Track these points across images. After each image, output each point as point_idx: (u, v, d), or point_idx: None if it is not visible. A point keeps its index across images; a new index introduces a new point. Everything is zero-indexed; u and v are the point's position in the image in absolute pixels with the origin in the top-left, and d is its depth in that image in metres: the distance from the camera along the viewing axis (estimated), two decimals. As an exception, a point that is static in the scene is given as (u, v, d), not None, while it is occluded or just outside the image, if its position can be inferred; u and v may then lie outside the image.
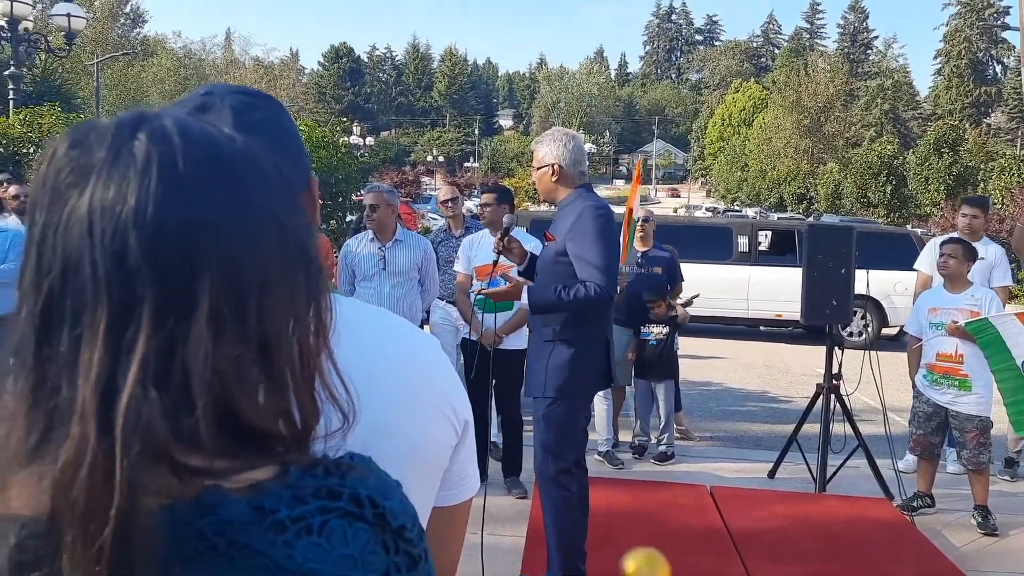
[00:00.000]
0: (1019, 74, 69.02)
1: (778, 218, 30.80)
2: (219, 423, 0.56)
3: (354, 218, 8.11)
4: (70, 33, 9.99)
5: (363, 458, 0.64)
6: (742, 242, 11.84)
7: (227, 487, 0.55)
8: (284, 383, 0.60)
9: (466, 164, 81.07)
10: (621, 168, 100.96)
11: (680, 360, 6.47)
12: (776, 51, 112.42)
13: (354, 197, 8.25)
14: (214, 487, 0.55)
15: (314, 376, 0.63)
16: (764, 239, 12.41)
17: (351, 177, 8.71)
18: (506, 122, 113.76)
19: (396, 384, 0.89)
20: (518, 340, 4.81)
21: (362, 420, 0.85)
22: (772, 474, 5.31)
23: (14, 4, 8.85)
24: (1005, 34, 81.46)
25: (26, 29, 9.48)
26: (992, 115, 75.82)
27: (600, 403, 5.55)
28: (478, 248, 4.85)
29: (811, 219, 32.74)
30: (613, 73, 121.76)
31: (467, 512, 1.04)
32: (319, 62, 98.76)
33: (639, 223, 5.68)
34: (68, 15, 9.89)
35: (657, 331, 5.63)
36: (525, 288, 3.34)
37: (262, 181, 0.61)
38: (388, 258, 4.64)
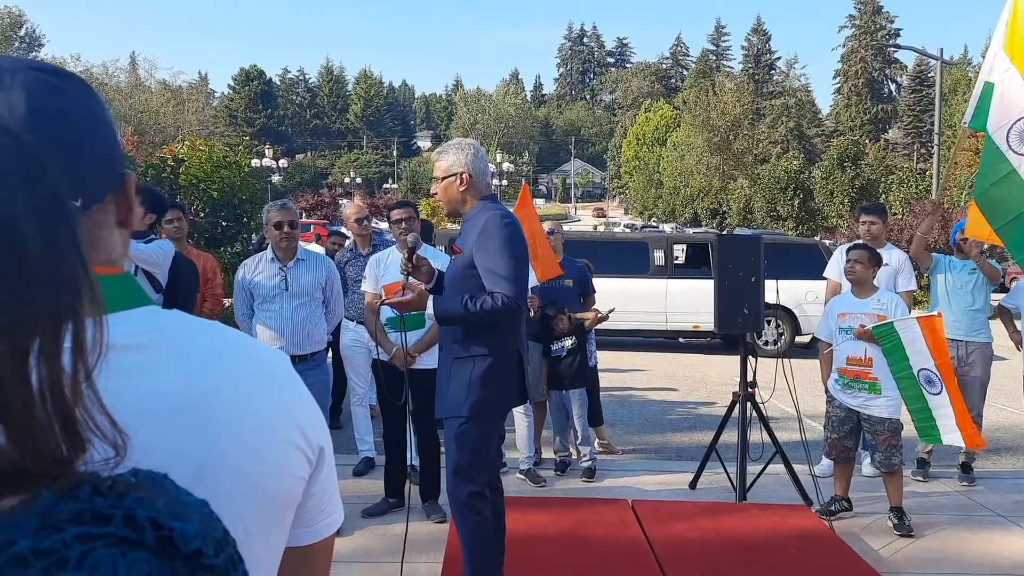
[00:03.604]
0: (912, 92, 72.56)
1: (693, 232, 31.48)
2: None
3: (256, 239, 7.85)
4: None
5: (153, 475, 0.52)
6: (658, 256, 11.98)
7: None
8: (19, 420, 0.47)
9: (385, 185, 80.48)
10: (541, 187, 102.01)
11: (601, 373, 6.44)
12: (685, 72, 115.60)
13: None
14: None
15: (72, 409, 0.50)
16: (680, 252, 12.61)
17: (255, 198, 8.41)
18: (424, 143, 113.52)
19: (229, 409, 0.75)
20: (431, 359, 4.64)
21: (188, 455, 0.71)
22: (693, 485, 5.29)
23: None
24: (897, 54, 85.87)
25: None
26: (889, 131, 79.63)
27: (521, 419, 5.44)
28: (386, 266, 4.68)
29: (724, 232, 33.61)
30: (529, 94, 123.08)
31: (329, 550, 0.90)
32: (229, 85, 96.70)
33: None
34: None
35: (565, 342, 5.58)
36: (431, 298, 3.18)
37: None
38: (290, 278, 4.43)
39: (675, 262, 12.21)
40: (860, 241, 5.46)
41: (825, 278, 6.04)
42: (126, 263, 0.84)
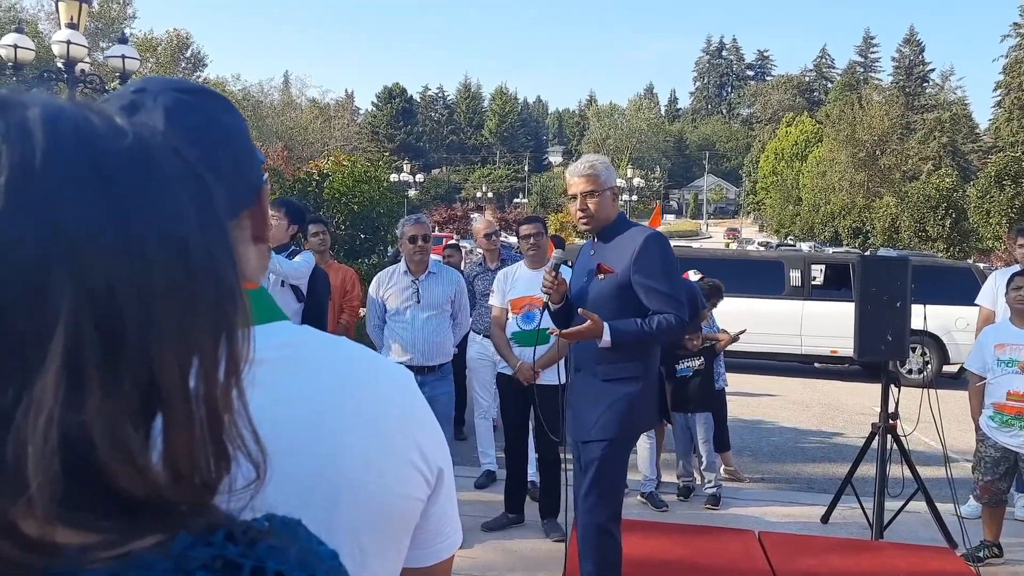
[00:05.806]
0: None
1: (833, 252, 30.13)
2: (92, 489, 0.44)
3: (391, 251, 8.11)
4: (124, 74, 10.26)
5: (287, 521, 0.52)
6: (794, 276, 11.53)
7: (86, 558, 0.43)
8: (180, 437, 0.48)
9: (515, 200, 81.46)
10: (671, 203, 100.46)
11: (730, 397, 6.25)
12: (829, 85, 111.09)
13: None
14: (68, 558, 0.43)
15: (224, 424, 0.51)
16: (817, 273, 12.08)
17: (392, 211, 8.71)
18: (556, 158, 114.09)
19: (350, 428, 0.75)
20: (553, 375, 4.64)
21: (307, 470, 0.71)
22: (825, 519, 5.03)
23: (71, 46, 9.11)
24: (1069, 64, 79.29)
25: (83, 71, 9.77)
26: (1057, 147, 73.59)
27: (644, 440, 5.34)
28: (513, 281, 4.73)
29: (868, 253, 31.96)
30: (663, 109, 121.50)
31: (448, 571, 0.90)
32: (372, 102, 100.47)
33: None
34: (123, 56, 10.16)
35: (692, 363, 5.44)
36: (606, 328, 3.05)
37: (157, 188, 0.49)
38: (422, 290, 4.55)
39: (812, 283, 11.71)
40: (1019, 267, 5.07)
41: (977, 305, 5.65)
42: (262, 277, 0.86)
